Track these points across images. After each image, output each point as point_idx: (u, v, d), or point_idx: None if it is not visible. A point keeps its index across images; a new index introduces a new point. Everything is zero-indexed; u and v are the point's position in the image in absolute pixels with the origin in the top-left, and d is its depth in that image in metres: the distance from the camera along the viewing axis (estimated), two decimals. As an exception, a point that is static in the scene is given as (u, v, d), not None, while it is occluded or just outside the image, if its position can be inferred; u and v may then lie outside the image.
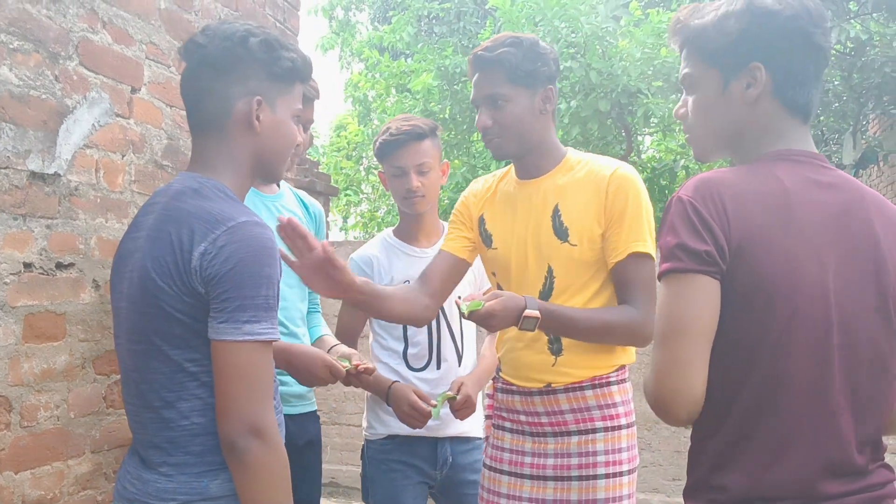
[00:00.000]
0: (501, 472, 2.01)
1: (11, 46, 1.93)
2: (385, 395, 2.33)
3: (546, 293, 1.97)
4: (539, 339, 1.97)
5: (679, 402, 1.19)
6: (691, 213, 1.23)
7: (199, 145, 1.50)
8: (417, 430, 2.32)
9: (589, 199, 1.93)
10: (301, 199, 2.38)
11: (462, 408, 2.30)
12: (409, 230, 2.53)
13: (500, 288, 2.09)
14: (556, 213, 1.96)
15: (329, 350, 2.19)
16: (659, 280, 1.27)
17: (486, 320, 1.82)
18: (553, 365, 1.96)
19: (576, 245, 1.93)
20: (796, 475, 1.24)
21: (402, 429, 2.36)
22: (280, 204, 2.27)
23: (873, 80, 7.31)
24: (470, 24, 10.55)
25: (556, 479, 1.93)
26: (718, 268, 1.21)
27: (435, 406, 2.24)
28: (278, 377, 2.12)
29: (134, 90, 2.35)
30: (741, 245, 1.22)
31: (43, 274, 2.05)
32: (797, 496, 1.23)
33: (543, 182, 2.01)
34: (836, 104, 8.49)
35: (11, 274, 1.95)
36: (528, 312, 1.82)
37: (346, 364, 2.05)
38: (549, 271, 1.96)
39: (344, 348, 2.21)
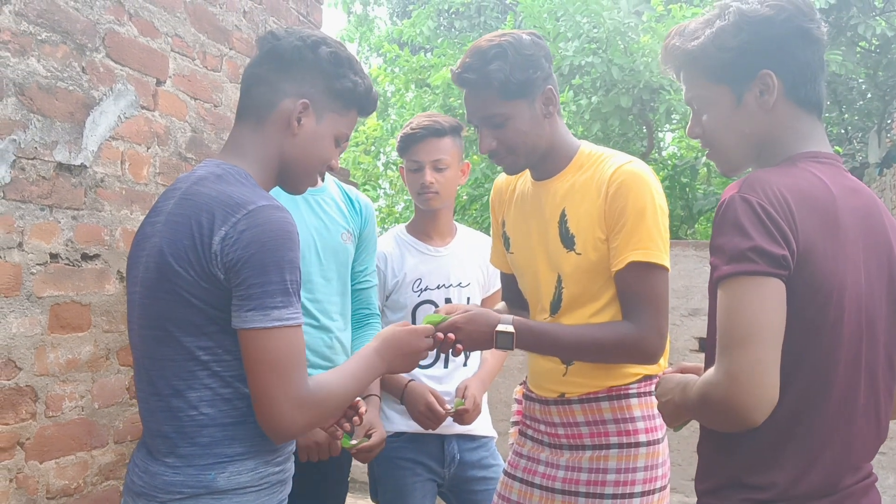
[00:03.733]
0: (514, 477, 1.96)
1: (39, 38, 1.94)
2: (401, 393, 2.32)
3: (556, 304, 1.86)
4: None
5: (759, 405, 1.18)
6: (763, 215, 1.21)
7: (236, 131, 1.50)
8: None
9: (592, 203, 1.78)
10: (346, 194, 2.35)
11: (467, 413, 2.29)
12: (423, 227, 2.52)
13: (521, 293, 2.02)
14: (562, 219, 1.83)
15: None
16: (723, 280, 1.23)
17: (450, 334, 1.73)
18: (564, 374, 1.86)
19: (580, 254, 1.79)
20: (830, 475, 1.27)
21: (409, 426, 2.35)
22: (320, 198, 2.24)
23: (899, 78, 7.22)
24: (490, 19, 10.52)
25: (563, 492, 1.84)
26: (788, 272, 1.21)
27: (450, 412, 2.25)
28: (312, 360, 2.05)
29: (159, 82, 2.36)
30: (804, 251, 1.22)
31: (69, 265, 2.06)
32: (825, 493, 1.26)
33: (554, 184, 1.87)
34: (861, 102, 8.40)
35: (38, 264, 1.97)
36: (500, 327, 1.72)
37: (348, 444, 2.05)
38: (559, 281, 1.85)
39: (368, 416, 2.14)
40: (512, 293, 2.09)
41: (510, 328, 1.72)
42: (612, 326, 1.77)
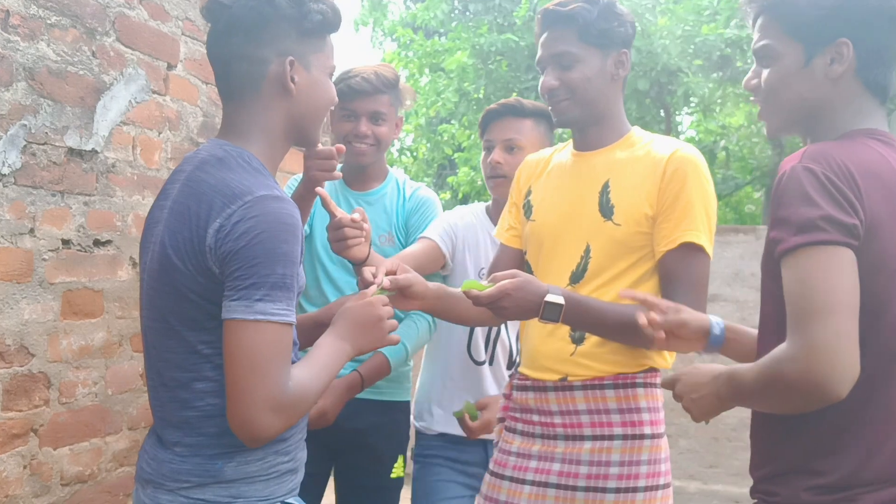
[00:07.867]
0: (503, 477, 1.85)
1: (49, 22, 1.92)
2: None
3: (578, 274, 1.78)
4: (562, 325, 1.75)
5: (843, 378, 1.13)
6: (829, 186, 1.17)
7: (230, 112, 1.43)
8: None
9: (643, 179, 1.75)
10: (402, 191, 2.22)
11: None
12: (497, 214, 2.23)
13: (527, 265, 1.91)
14: (605, 190, 1.79)
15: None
16: (790, 252, 1.19)
17: (496, 302, 1.62)
18: (572, 354, 1.78)
19: (619, 225, 1.75)
20: (893, 460, 1.22)
21: (453, 429, 2.27)
22: (364, 200, 2.16)
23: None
24: (505, 2, 10.40)
25: (558, 486, 1.75)
26: (859, 242, 1.17)
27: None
28: None
29: (170, 67, 2.34)
30: (870, 225, 1.19)
31: (81, 251, 2.05)
32: (888, 480, 1.22)
33: (599, 155, 1.83)
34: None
35: (50, 250, 1.95)
36: (550, 297, 1.62)
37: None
38: (587, 250, 1.78)
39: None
40: (503, 269, 1.93)
41: (560, 299, 1.63)
42: None
